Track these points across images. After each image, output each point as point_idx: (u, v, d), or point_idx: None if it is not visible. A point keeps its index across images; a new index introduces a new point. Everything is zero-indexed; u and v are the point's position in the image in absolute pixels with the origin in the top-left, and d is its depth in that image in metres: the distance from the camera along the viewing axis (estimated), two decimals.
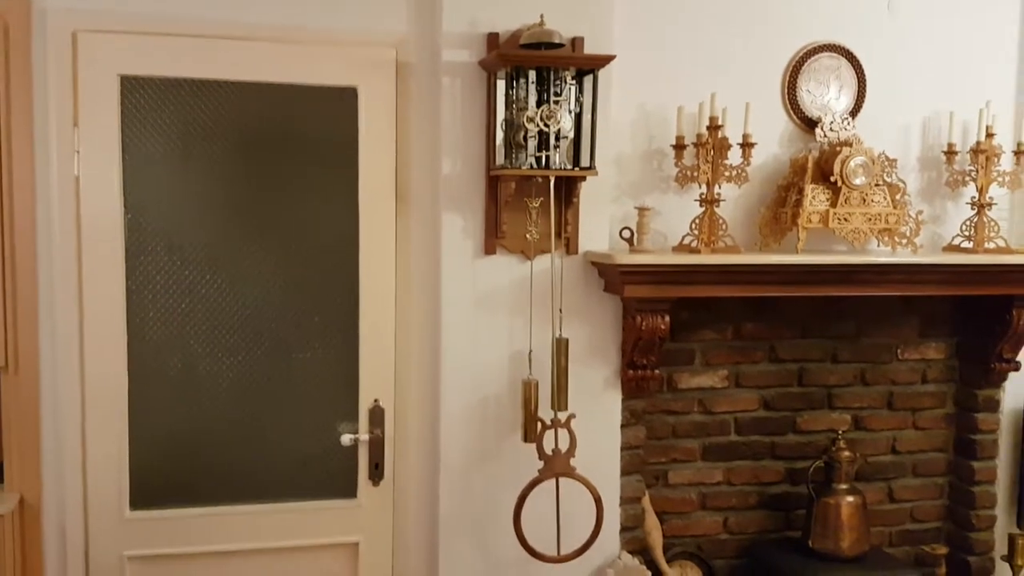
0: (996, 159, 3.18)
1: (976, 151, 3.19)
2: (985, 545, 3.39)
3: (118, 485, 2.83)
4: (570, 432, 2.82)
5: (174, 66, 2.77)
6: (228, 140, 2.86)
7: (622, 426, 3.04)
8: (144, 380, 2.84)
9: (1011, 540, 3.28)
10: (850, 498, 3.15)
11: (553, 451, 2.82)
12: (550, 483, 2.82)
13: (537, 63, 2.71)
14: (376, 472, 3.01)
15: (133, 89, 2.76)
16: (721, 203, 2.99)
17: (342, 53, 2.89)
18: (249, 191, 2.90)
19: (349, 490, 3.01)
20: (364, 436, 2.99)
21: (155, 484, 2.87)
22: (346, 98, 2.90)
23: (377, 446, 3.00)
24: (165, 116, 2.79)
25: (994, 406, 3.36)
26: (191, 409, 2.89)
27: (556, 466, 2.82)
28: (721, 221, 2.99)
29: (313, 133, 2.92)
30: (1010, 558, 3.27)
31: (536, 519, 2.82)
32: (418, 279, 2.98)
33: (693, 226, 2.99)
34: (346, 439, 2.97)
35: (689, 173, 3.01)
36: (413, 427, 3.03)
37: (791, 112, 3.22)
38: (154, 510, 2.87)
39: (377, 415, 2.99)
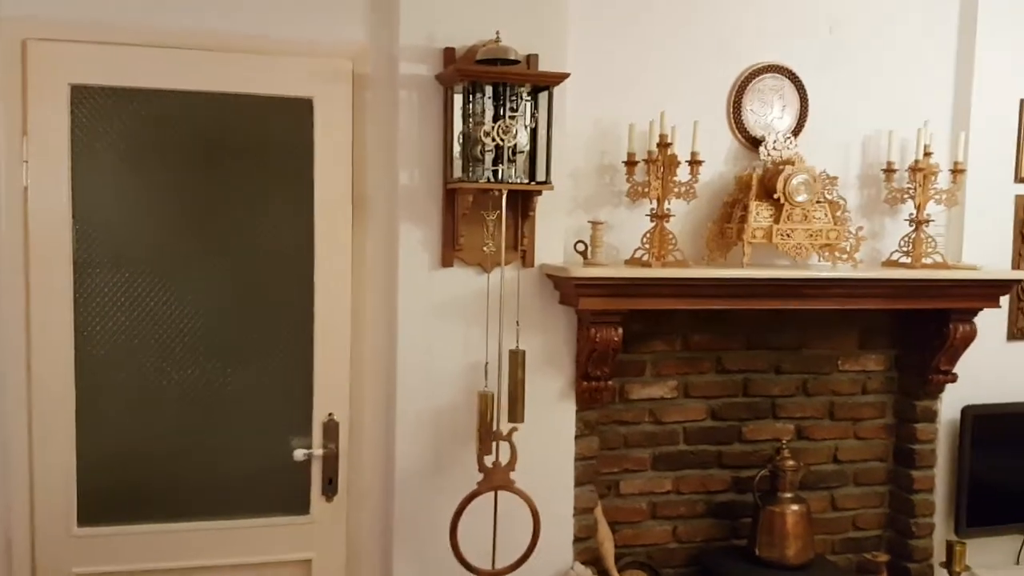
0: (933, 177, 3.30)
1: (914, 169, 3.30)
2: (925, 552, 3.49)
3: (66, 501, 2.77)
4: (511, 445, 2.82)
5: (126, 75, 2.74)
6: (181, 150, 2.83)
7: (576, 437, 3.07)
8: (93, 393, 2.78)
9: (949, 547, 3.37)
10: (795, 507, 3.22)
11: (493, 464, 2.82)
12: (502, 495, 2.83)
13: (493, 78, 2.75)
14: (330, 487, 2.99)
15: (84, 98, 2.71)
16: (671, 218, 3.06)
17: (298, 63, 2.89)
18: (202, 202, 2.87)
19: (302, 506, 2.98)
20: (318, 451, 2.97)
21: (104, 500, 2.81)
22: (302, 109, 2.90)
23: (331, 461, 2.98)
24: (116, 126, 2.76)
25: (932, 416, 3.47)
26: (141, 423, 2.84)
27: (495, 479, 2.82)
28: (671, 236, 3.05)
29: (268, 143, 2.91)
30: (948, 564, 3.37)
31: (477, 533, 2.81)
32: (374, 291, 2.98)
33: (644, 240, 3.05)
34: (299, 454, 2.95)
35: (640, 188, 3.07)
36: (368, 441, 3.02)
37: (736, 131, 3.31)
38: (103, 526, 2.81)
39: (331, 429, 2.98)
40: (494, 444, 2.81)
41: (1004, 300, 3.38)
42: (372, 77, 2.94)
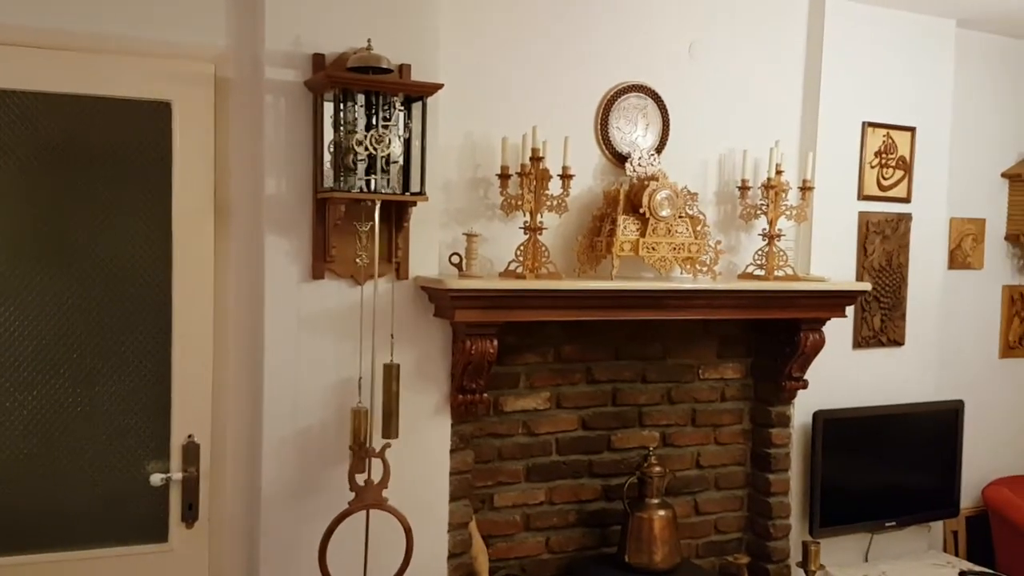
0: (784, 194, 3.48)
1: (767, 187, 3.47)
2: (782, 553, 3.64)
3: None
4: (384, 462, 2.76)
5: None
6: (24, 155, 2.62)
7: (451, 451, 3.03)
8: None
9: (805, 547, 3.52)
10: (661, 512, 3.29)
11: (365, 482, 2.74)
12: (375, 514, 2.75)
13: (366, 87, 2.68)
14: (190, 513, 2.83)
15: None
16: (544, 231, 3.08)
17: (155, 65, 2.74)
18: (48, 211, 2.68)
19: (159, 534, 2.81)
20: (177, 475, 2.81)
21: None
22: (160, 113, 2.75)
23: (191, 485, 2.82)
24: None
25: (786, 421, 3.64)
26: None
27: (367, 497, 2.74)
28: (544, 248, 3.08)
29: (122, 148, 2.74)
30: (804, 564, 3.51)
31: (351, 552, 2.73)
32: (239, 304, 2.85)
33: (518, 252, 3.06)
34: (156, 479, 2.78)
35: (514, 202, 3.08)
36: (231, 463, 2.87)
37: (603, 147, 3.38)
38: None
39: (191, 451, 2.82)
40: (367, 461, 2.73)
41: (849, 310, 3.60)
42: (236, 81, 2.83)
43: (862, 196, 3.81)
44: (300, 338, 2.80)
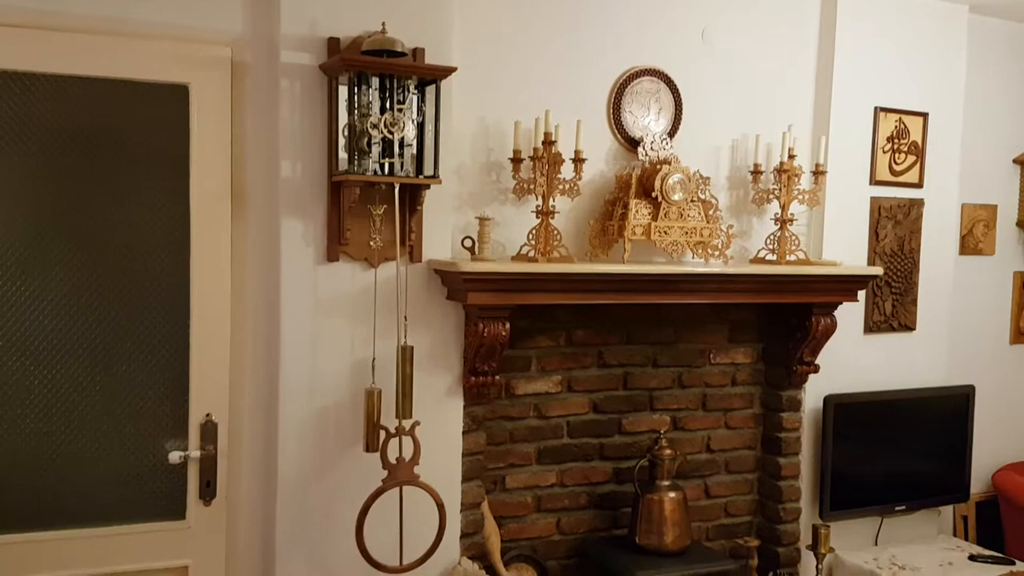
0: (797, 179, 3.48)
1: (779, 171, 3.48)
2: (792, 536, 3.67)
3: None
4: (414, 440, 2.81)
5: None
6: (45, 138, 2.66)
7: (464, 432, 3.07)
8: None
9: (815, 531, 3.54)
10: (672, 494, 3.31)
11: (397, 459, 2.80)
12: (390, 493, 2.80)
13: (380, 70, 2.70)
14: (208, 490, 2.87)
15: None
16: (556, 215, 3.10)
17: (172, 48, 2.76)
18: (69, 193, 2.70)
19: (178, 511, 2.85)
20: (195, 453, 2.85)
21: None
22: (177, 96, 2.78)
23: (209, 463, 2.86)
24: None
25: (796, 405, 3.66)
26: (2, 426, 2.64)
27: (400, 474, 2.80)
28: (556, 232, 3.10)
29: (141, 131, 2.77)
30: (814, 547, 3.54)
31: (376, 530, 2.77)
32: (255, 286, 2.88)
33: (530, 236, 3.09)
34: (175, 457, 2.81)
35: (526, 185, 3.10)
36: (248, 442, 2.92)
37: (616, 132, 3.39)
38: None
39: (209, 430, 2.86)
40: (397, 440, 2.76)
41: (861, 295, 3.61)
42: (252, 65, 2.85)
43: (874, 181, 3.82)
44: (316, 320, 2.84)
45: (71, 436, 2.73)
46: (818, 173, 3.54)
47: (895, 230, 3.86)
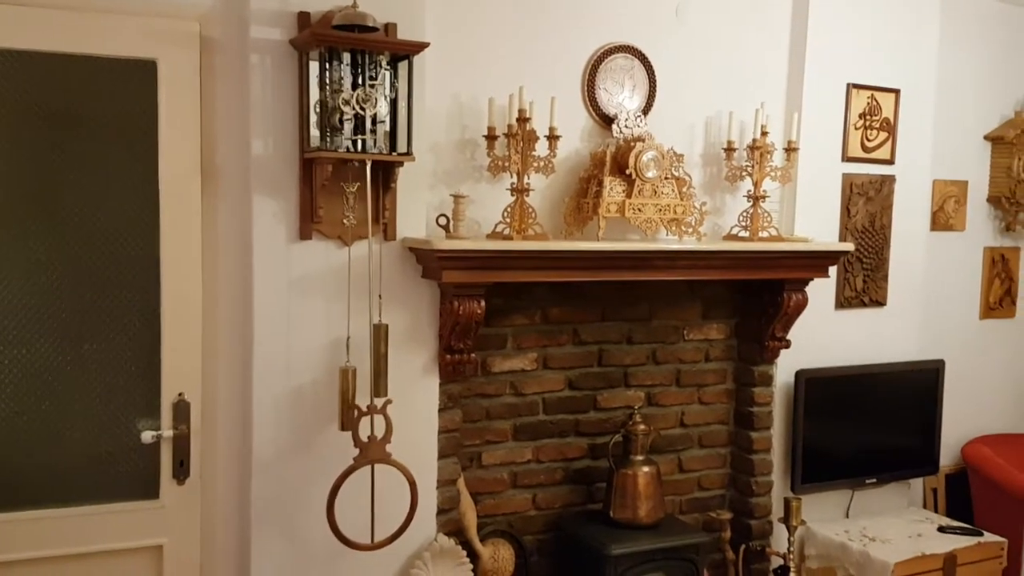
0: (769, 156, 3.50)
1: (752, 148, 3.49)
2: (764, 509, 3.71)
3: None
4: (386, 418, 2.81)
5: None
6: (10, 115, 2.61)
7: (439, 410, 3.08)
8: None
9: (786, 503, 3.59)
10: (646, 468, 3.34)
11: (369, 438, 2.79)
12: (365, 471, 2.80)
13: (351, 45, 2.68)
14: (181, 470, 2.85)
15: None
16: (530, 192, 3.10)
17: (139, 23, 2.71)
18: (35, 171, 2.66)
19: (151, 490, 2.84)
20: (167, 432, 2.83)
21: None
22: (145, 71, 2.73)
23: (182, 442, 2.85)
24: None
25: (768, 380, 3.69)
26: None
27: (371, 453, 2.79)
28: (531, 210, 3.09)
29: (108, 108, 2.73)
30: (786, 520, 3.58)
31: (350, 508, 2.78)
32: (227, 264, 2.86)
33: (505, 214, 3.08)
34: (147, 436, 2.79)
35: (500, 163, 3.09)
36: (222, 421, 2.90)
37: (590, 109, 3.38)
38: None
39: (182, 409, 2.84)
40: (369, 418, 2.76)
41: (832, 271, 3.64)
42: (221, 40, 2.81)
43: (846, 158, 3.83)
44: (290, 298, 2.82)
45: (42, 416, 2.70)
46: (790, 150, 3.56)
47: (866, 206, 3.89)
